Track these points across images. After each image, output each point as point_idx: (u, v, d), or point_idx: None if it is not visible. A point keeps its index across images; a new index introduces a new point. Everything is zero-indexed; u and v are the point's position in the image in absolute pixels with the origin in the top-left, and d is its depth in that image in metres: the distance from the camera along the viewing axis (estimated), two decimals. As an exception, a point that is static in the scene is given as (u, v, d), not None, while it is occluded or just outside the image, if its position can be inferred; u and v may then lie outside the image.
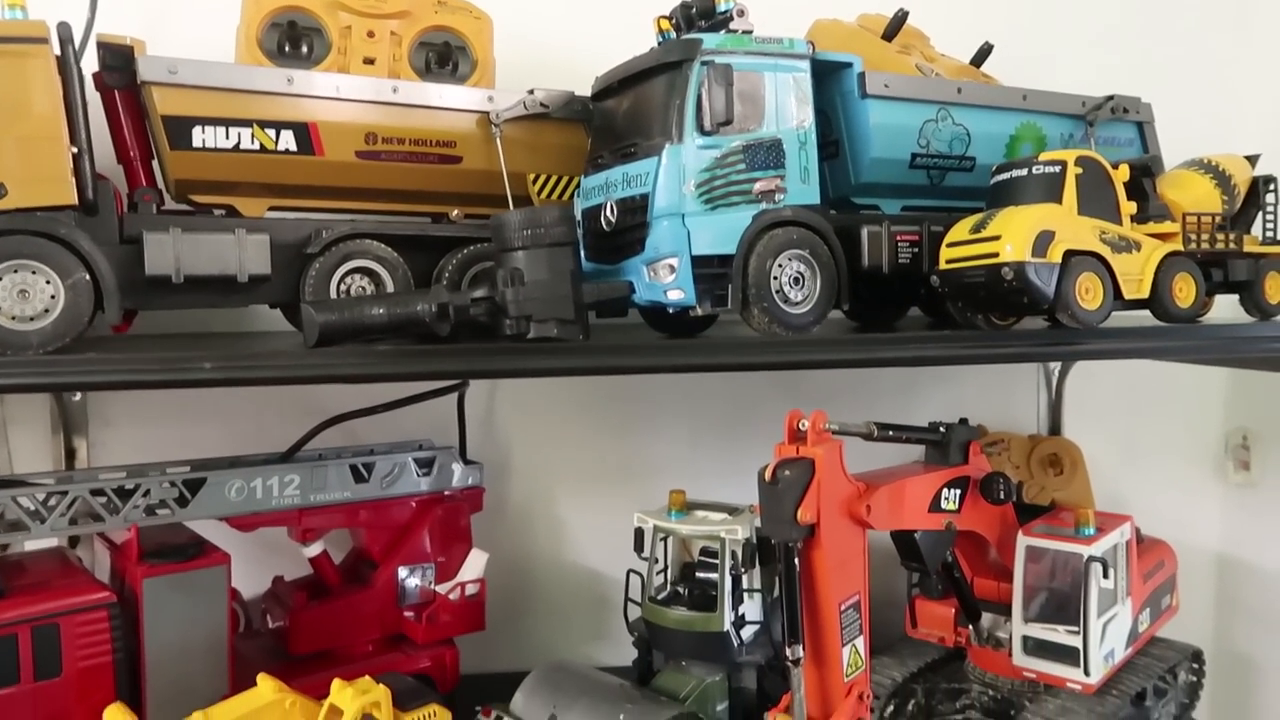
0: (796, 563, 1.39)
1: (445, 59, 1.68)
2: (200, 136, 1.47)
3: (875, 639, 1.54)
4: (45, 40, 1.30)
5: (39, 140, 1.30)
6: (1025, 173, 1.54)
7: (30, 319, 1.27)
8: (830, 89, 1.64)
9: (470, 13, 1.69)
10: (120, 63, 1.47)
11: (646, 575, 1.81)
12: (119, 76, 1.48)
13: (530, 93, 1.66)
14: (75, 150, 1.33)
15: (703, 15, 1.50)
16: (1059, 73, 1.98)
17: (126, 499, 1.58)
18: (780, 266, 1.45)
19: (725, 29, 1.48)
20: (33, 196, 1.28)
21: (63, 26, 1.33)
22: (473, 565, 1.90)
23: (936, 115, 1.69)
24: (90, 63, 1.42)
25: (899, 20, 1.83)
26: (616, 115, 1.58)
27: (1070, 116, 1.84)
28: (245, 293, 1.48)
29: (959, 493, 1.65)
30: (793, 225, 1.46)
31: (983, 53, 1.95)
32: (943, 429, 1.68)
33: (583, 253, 1.54)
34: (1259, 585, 2.55)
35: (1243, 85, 2.50)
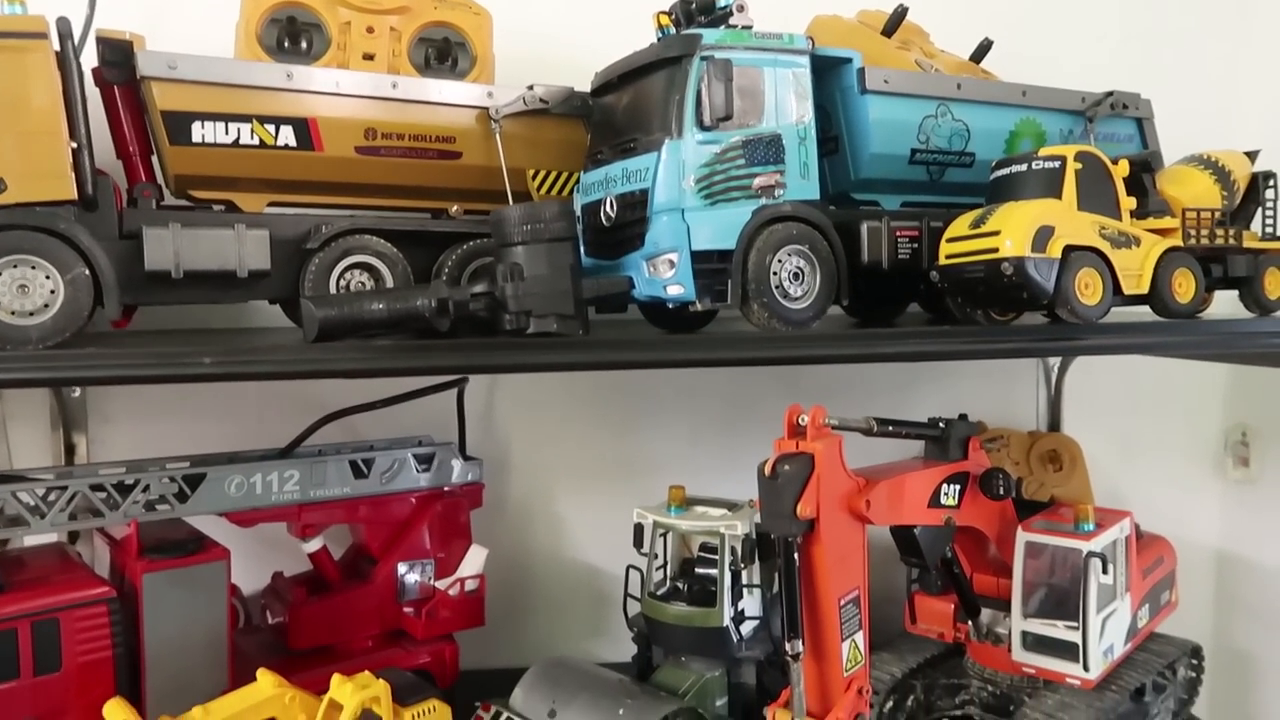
0: (796, 558, 1.39)
1: (445, 55, 1.67)
2: (200, 132, 1.47)
3: (875, 634, 1.54)
4: (45, 35, 1.30)
5: (38, 135, 1.29)
6: (1025, 168, 1.54)
7: (30, 314, 1.27)
8: (830, 84, 1.64)
9: (470, 8, 1.69)
10: (119, 58, 1.47)
11: (646, 571, 1.82)
12: (118, 72, 1.48)
13: (530, 88, 1.66)
14: (75, 145, 1.32)
15: (702, 10, 1.50)
16: (1058, 69, 1.98)
17: (126, 494, 1.58)
18: (780, 262, 1.44)
19: (725, 24, 1.47)
20: (32, 191, 1.28)
21: (62, 21, 1.32)
22: (472, 561, 1.91)
23: (936, 111, 1.69)
24: (90, 58, 1.42)
25: (899, 16, 1.83)
26: (616, 111, 1.58)
27: (1070, 112, 1.84)
28: (245, 288, 1.48)
29: (958, 488, 1.65)
30: (792, 221, 1.46)
31: (982, 49, 1.95)
32: (942, 424, 1.68)
33: (582, 248, 1.53)
34: (1258, 581, 2.56)
35: (1242, 81, 2.50)
